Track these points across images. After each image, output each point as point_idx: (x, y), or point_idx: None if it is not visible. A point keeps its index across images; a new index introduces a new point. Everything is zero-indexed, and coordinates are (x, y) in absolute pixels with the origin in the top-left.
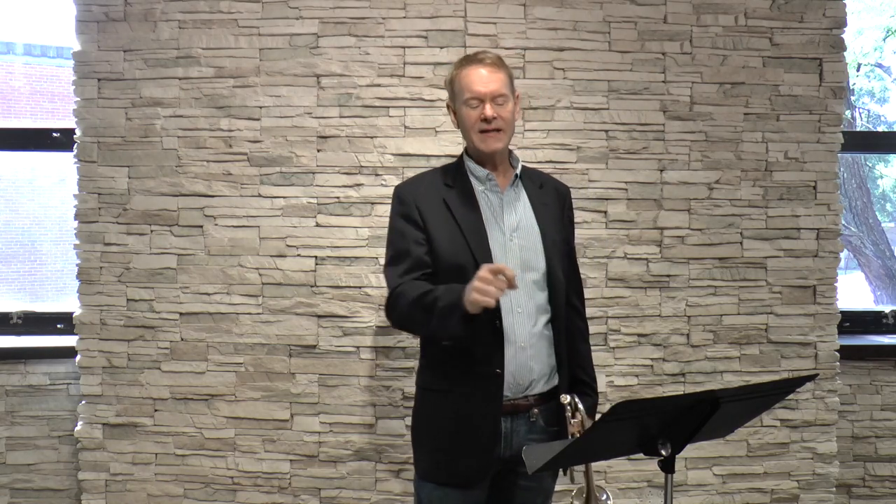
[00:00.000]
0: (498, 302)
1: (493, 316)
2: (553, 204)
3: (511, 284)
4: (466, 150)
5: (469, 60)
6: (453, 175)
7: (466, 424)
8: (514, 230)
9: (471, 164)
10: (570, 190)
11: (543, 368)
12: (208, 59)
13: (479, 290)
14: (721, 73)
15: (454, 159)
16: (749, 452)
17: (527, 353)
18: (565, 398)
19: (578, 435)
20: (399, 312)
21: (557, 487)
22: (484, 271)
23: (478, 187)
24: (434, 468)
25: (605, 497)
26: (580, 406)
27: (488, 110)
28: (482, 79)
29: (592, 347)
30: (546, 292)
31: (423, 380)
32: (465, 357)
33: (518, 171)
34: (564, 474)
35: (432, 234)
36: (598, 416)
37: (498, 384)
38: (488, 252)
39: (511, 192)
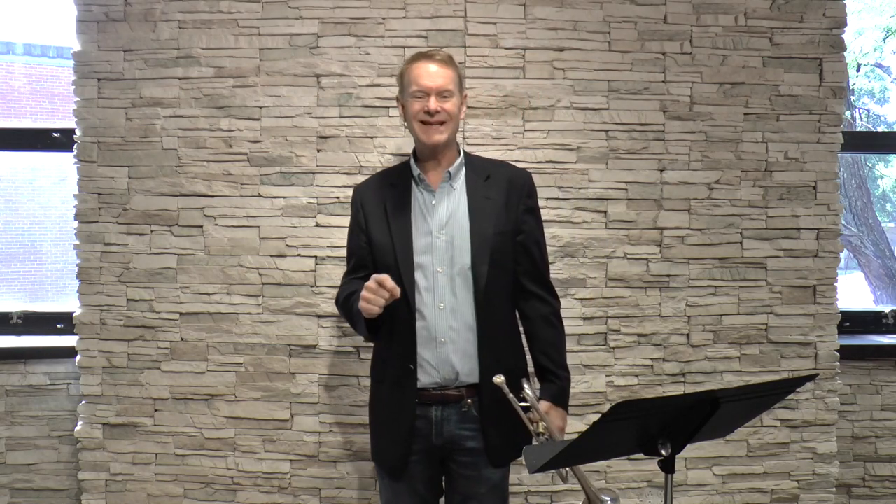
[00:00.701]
0: (414, 299)
1: (410, 314)
2: (498, 197)
3: (392, 295)
4: (414, 151)
5: (419, 56)
6: (399, 176)
7: (388, 416)
8: (441, 227)
9: (411, 164)
10: (531, 176)
11: (468, 361)
12: (208, 59)
13: (364, 300)
14: (721, 73)
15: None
16: (749, 452)
17: (448, 348)
18: (497, 378)
19: (541, 427)
20: (339, 311)
21: (559, 488)
22: (371, 282)
23: (414, 187)
24: (373, 450)
25: (609, 500)
26: (526, 391)
27: (432, 103)
28: (430, 73)
29: (592, 347)
30: (471, 288)
31: (370, 368)
32: (388, 353)
33: (453, 168)
34: (564, 480)
35: (371, 237)
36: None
37: (412, 380)
38: (410, 253)
39: (445, 188)
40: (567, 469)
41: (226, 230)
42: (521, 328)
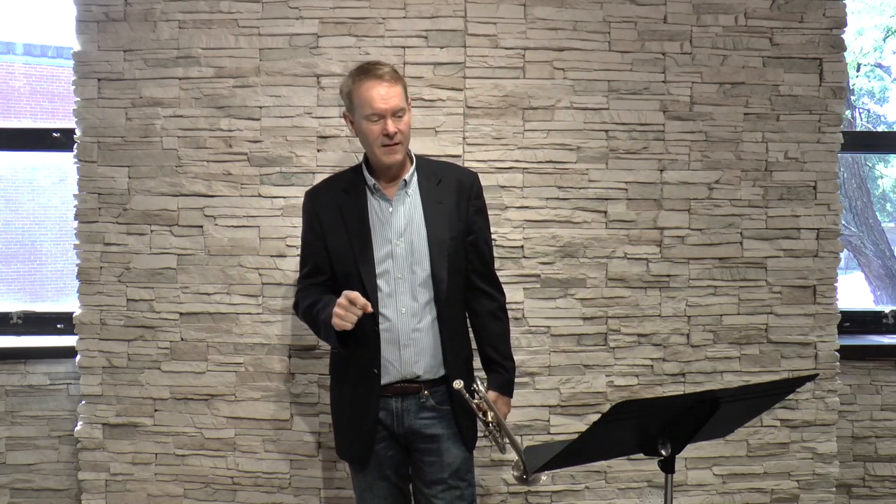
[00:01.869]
0: (377, 305)
1: (373, 320)
2: (449, 200)
3: (365, 311)
4: (366, 158)
5: (367, 74)
6: (351, 183)
7: (350, 413)
8: (399, 235)
9: (365, 174)
10: (478, 176)
11: (429, 362)
12: (208, 59)
13: (337, 316)
14: (721, 73)
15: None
16: (749, 452)
17: (410, 350)
18: (457, 384)
19: (489, 416)
20: (300, 317)
21: (559, 488)
22: (342, 299)
23: (370, 196)
24: (336, 444)
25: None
26: (478, 387)
27: (390, 126)
28: (382, 96)
29: (592, 347)
30: (431, 292)
31: (330, 366)
32: (351, 355)
33: (406, 175)
34: (502, 451)
35: (328, 244)
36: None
37: (376, 382)
38: (371, 261)
39: (400, 195)
40: (498, 435)
41: (226, 230)
42: (466, 320)
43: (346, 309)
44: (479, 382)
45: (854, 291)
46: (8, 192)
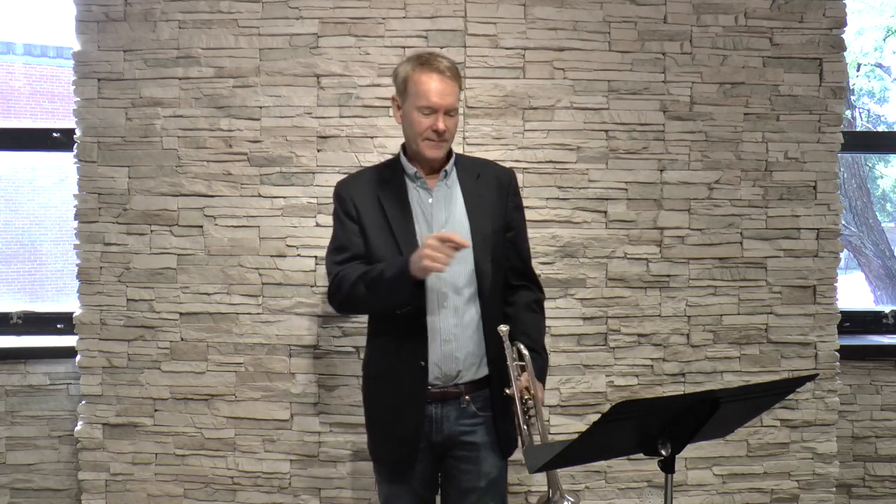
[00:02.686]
0: (423, 297)
1: (417, 311)
2: (490, 194)
3: (462, 246)
4: (404, 148)
5: (428, 65)
6: (390, 172)
7: (392, 413)
8: (441, 226)
9: (404, 162)
10: (515, 173)
11: (470, 359)
12: (208, 59)
13: (429, 257)
14: (721, 73)
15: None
16: (749, 452)
17: (451, 346)
18: (503, 327)
19: (525, 382)
20: (344, 293)
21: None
22: (432, 239)
23: (409, 185)
24: (373, 447)
25: (570, 500)
26: (525, 354)
27: (441, 124)
28: (440, 90)
29: (592, 347)
30: (475, 286)
31: (364, 366)
32: (394, 349)
33: (448, 166)
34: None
35: (366, 231)
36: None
37: (422, 376)
38: (413, 251)
39: (441, 187)
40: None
41: (226, 230)
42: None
43: (439, 249)
44: (524, 348)
45: (854, 291)
46: (8, 192)
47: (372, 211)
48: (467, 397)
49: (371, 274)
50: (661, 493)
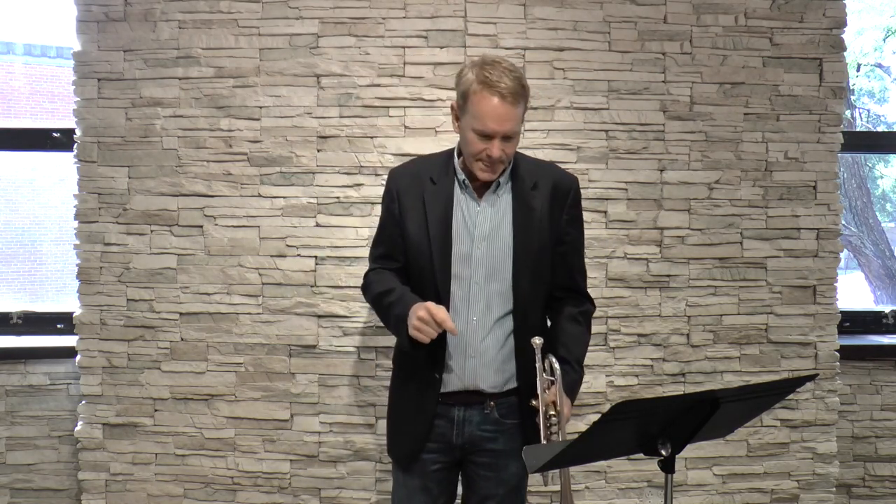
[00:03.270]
0: (448, 309)
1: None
2: (543, 206)
3: (450, 332)
4: (459, 150)
5: (491, 86)
6: (442, 170)
7: (407, 412)
8: (483, 238)
9: (457, 166)
10: (577, 181)
11: (496, 377)
12: (208, 59)
13: (415, 328)
14: (721, 73)
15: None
16: (749, 452)
17: (476, 362)
18: (537, 340)
19: (552, 396)
20: (369, 300)
21: (559, 488)
22: (424, 311)
23: (457, 190)
24: (389, 442)
25: None
26: (556, 368)
27: (495, 151)
28: (499, 115)
29: (592, 347)
30: (511, 303)
31: (393, 359)
32: (415, 357)
33: (503, 178)
34: (545, 484)
35: (406, 230)
36: (597, 416)
37: (436, 388)
38: (448, 260)
39: (490, 197)
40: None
41: (226, 230)
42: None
43: (427, 323)
44: (556, 362)
45: (854, 291)
46: (8, 192)
47: (414, 210)
48: (492, 403)
49: (385, 301)
50: (661, 493)
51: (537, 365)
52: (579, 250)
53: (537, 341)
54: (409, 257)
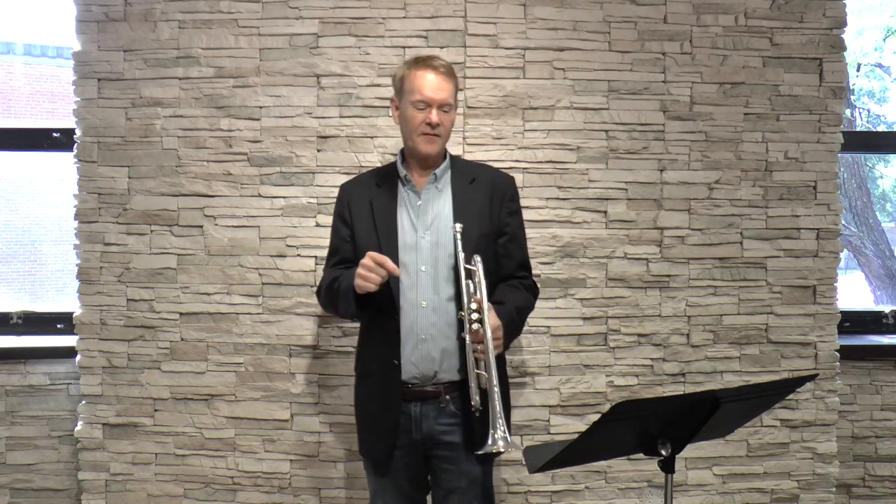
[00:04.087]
0: (398, 296)
1: (393, 311)
2: (482, 199)
3: (393, 274)
4: (402, 152)
5: (423, 63)
6: (384, 176)
7: (373, 410)
8: (426, 228)
9: (398, 165)
10: (514, 180)
11: (449, 359)
12: (208, 59)
13: (361, 276)
14: (721, 73)
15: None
16: (749, 452)
17: (429, 345)
18: (459, 225)
19: (478, 299)
20: (321, 297)
21: (559, 488)
22: (367, 259)
23: (401, 188)
24: (360, 443)
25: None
26: (480, 268)
27: (434, 116)
28: (433, 85)
29: (592, 347)
30: (455, 287)
31: (355, 366)
32: (375, 349)
33: (439, 170)
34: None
35: (356, 233)
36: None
37: (396, 375)
38: (395, 251)
39: (431, 189)
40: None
41: (226, 230)
42: None
43: (371, 269)
44: (481, 268)
45: (854, 291)
46: (8, 192)
47: (363, 213)
48: (447, 397)
49: (334, 284)
50: (661, 493)
51: (464, 282)
52: (521, 244)
53: (458, 227)
54: (359, 254)
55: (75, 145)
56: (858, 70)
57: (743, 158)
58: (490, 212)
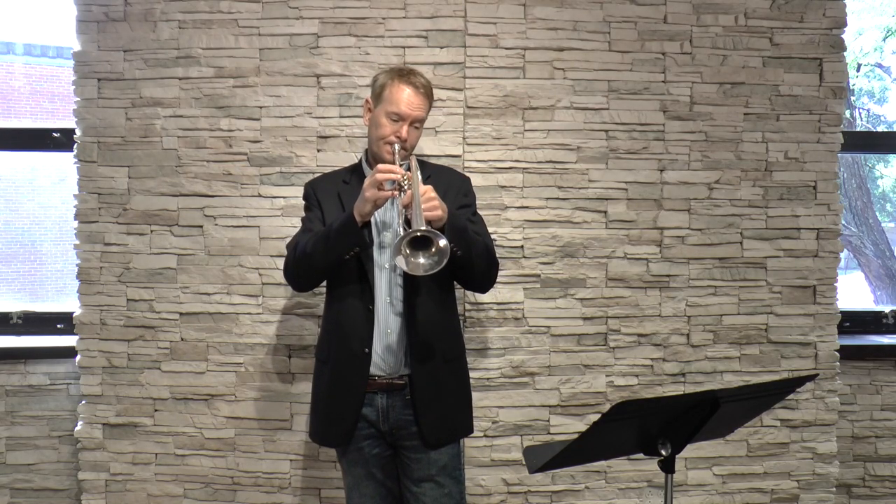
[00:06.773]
0: (372, 287)
1: (367, 301)
2: (437, 192)
3: (396, 173)
4: (366, 154)
5: (405, 79)
6: (350, 173)
7: (335, 394)
8: (387, 226)
9: (364, 167)
10: (470, 179)
11: (408, 356)
12: (208, 59)
13: (377, 181)
14: (721, 73)
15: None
16: (749, 452)
17: (391, 338)
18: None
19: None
20: (296, 257)
21: (559, 488)
22: (369, 178)
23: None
24: (313, 427)
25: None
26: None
27: (404, 132)
28: (411, 102)
29: (592, 347)
30: (403, 283)
31: (316, 351)
32: (343, 335)
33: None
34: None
35: (326, 218)
36: (597, 416)
37: (365, 363)
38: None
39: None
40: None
41: (226, 230)
42: (458, 314)
43: (373, 184)
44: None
45: (854, 291)
46: (8, 192)
47: (331, 205)
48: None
49: (322, 232)
50: (661, 493)
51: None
52: (480, 230)
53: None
54: None
55: (75, 145)
56: (858, 70)
57: (743, 158)
58: (445, 201)
